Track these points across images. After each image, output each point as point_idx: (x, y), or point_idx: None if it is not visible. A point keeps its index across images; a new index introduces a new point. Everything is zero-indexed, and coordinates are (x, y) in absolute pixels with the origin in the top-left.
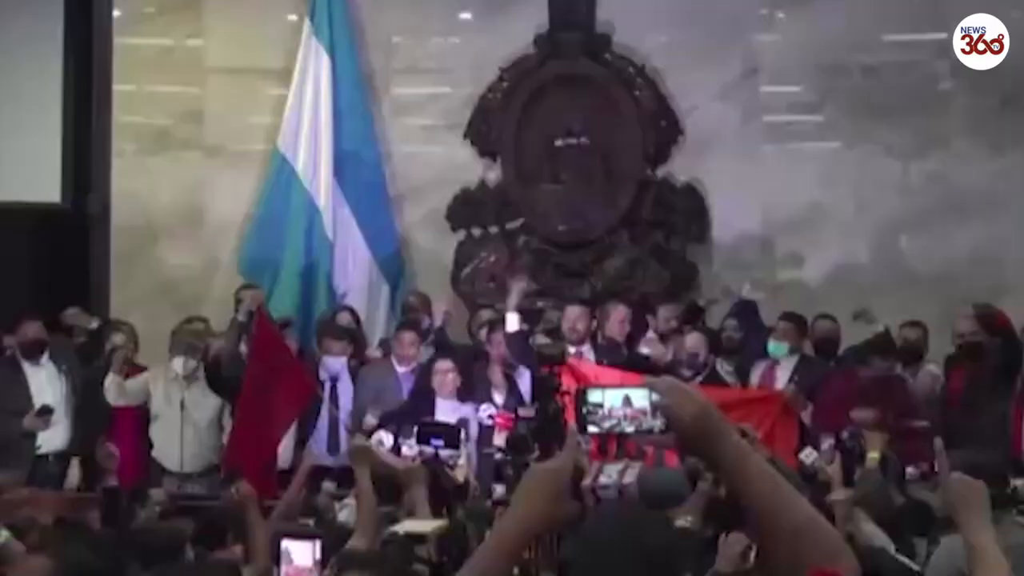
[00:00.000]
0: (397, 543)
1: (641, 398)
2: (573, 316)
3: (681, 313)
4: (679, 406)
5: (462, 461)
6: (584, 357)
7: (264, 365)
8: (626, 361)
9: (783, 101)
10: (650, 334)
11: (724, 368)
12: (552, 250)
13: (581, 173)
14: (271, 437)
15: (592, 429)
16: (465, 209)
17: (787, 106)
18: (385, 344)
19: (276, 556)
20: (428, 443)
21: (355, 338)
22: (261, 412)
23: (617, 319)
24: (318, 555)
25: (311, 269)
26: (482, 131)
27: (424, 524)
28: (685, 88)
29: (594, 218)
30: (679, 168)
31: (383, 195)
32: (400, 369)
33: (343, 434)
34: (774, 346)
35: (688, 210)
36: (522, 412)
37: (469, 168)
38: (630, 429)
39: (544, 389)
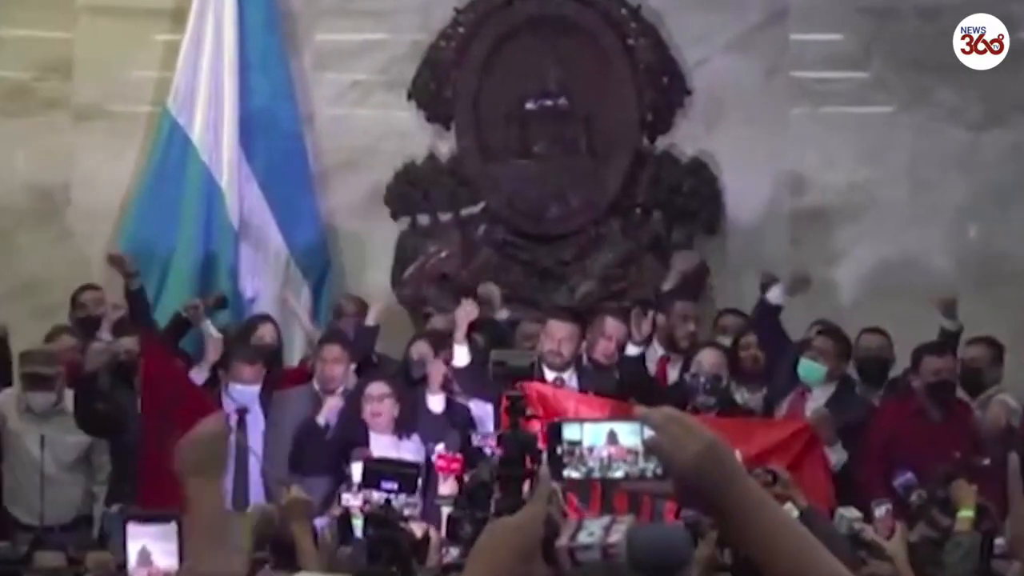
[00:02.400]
0: None
1: (630, 434)
2: (559, 335)
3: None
4: (678, 444)
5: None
6: (565, 385)
7: (161, 400)
8: (617, 384)
9: (817, 53)
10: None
11: (744, 396)
12: (521, 243)
13: (559, 145)
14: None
15: (569, 474)
16: (409, 190)
17: (822, 59)
18: (304, 363)
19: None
20: (377, 486)
21: (274, 360)
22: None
23: (606, 336)
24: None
25: (210, 266)
26: (431, 90)
27: None
28: (693, 36)
29: (576, 202)
30: (685, 139)
31: (303, 171)
32: (325, 396)
33: (254, 481)
34: (808, 368)
35: (696, 192)
36: (479, 440)
37: (414, 137)
38: (618, 474)
39: (511, 413)
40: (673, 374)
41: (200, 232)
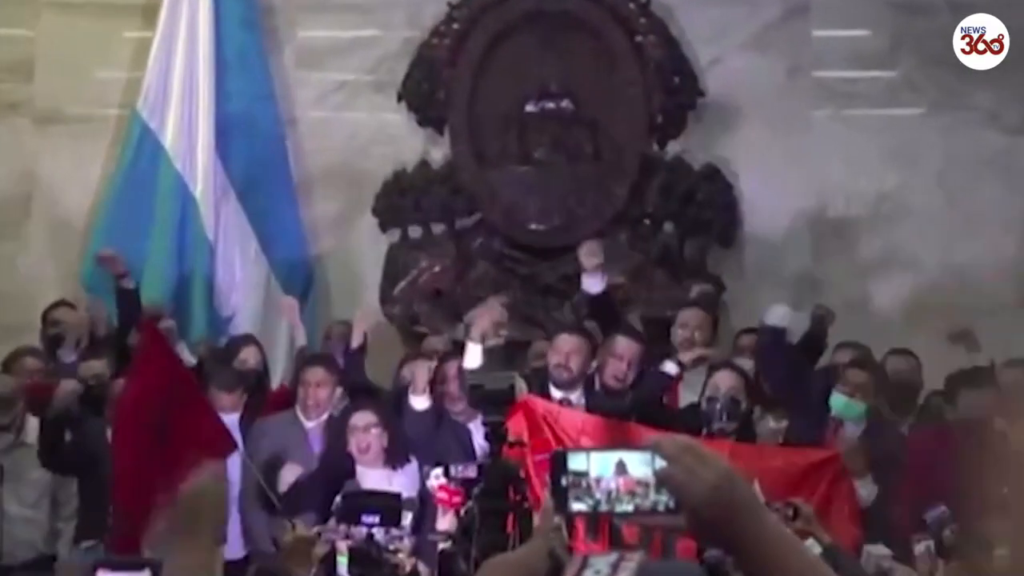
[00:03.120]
0: None
1: (641, 464)
2: (566, 347)
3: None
4: (692, 475)
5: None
6: (573, 406)
7: (153, 396)
8: (630, 404)
9: (841, 50)
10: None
11: (770, 426)
12: (520, 257)
13: (561, 150)
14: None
15: (575, 507)
16: (399, 199)
17: (847, 57)
18: (287, 388)
19: None
20: (357, 520)
21: (257, 385)
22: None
23: (620, 357)
24: None
25: (184, 282)
26: (423, 91)
27: None
28: (706, 33)
29: (580, 212)
30: (698, 144)
31: (284, 179)
32: (308, 423)
33: (232, 518)
34: (843, 405)
35: (710, 201)
36: (458, 471)
37: (405, 142)
38: (627, 508)
39: (491, 441)
40: (688, 395)
41: (173, 246)
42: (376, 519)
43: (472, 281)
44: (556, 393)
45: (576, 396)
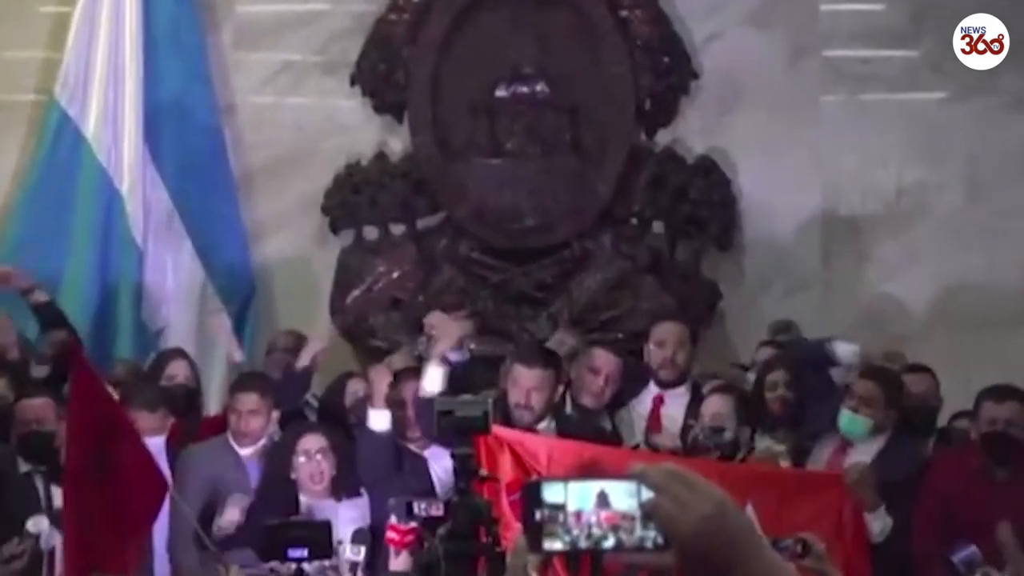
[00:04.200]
0: None
1: (625, 495)
2: (527, 383)
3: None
4: (682, 505)
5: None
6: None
7: (93, 437)
8: (607, 433)
9: (854, 27)
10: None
11: (771, 449)
12: (491, 262)
13: (537, 141)
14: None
15: (551, 546)
16: (353, 196)
17: (860, 35)
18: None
19: None
20: (283, 556)
21: (188, 405)
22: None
23: (597, 372)
24: None
25: (108, 291)
26: (380, 73)
27: None
28: (701, 7)
29: (558, 211)
30: (692, 133)
31: (222, 174)
32: (243, 451)
33: (159, 555)
34: (846, 418)
35: (705, 198)
36: (421, 510)
37: (359, 131)
38: (609, 545)
39: (460, 475)
40: (675, 414)
41: (96, 249)
42: (304, 553)
43: (436, 289)
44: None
45: (544, 424)
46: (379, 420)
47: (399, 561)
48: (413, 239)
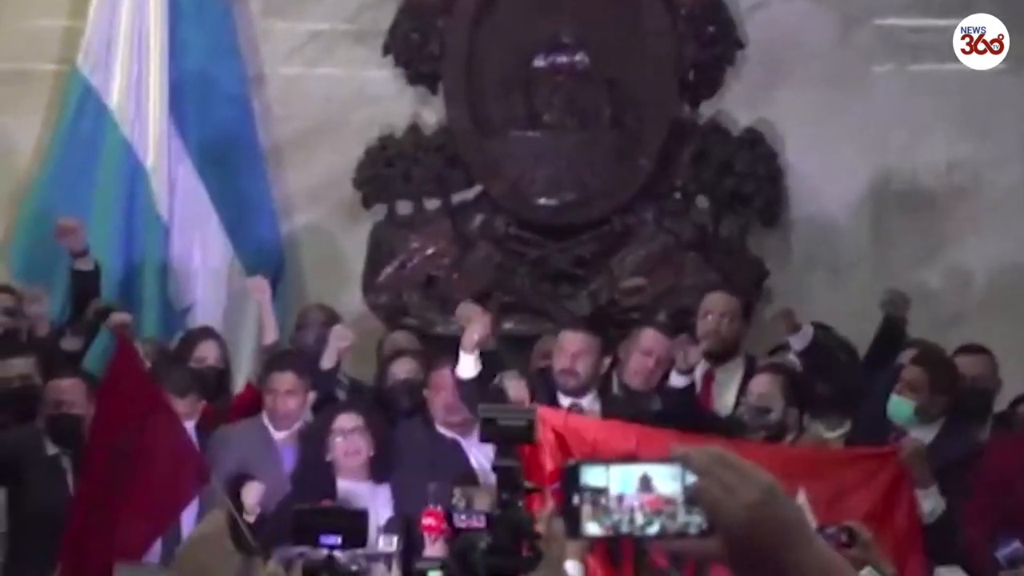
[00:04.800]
0: None
1: (669, 479)
2: (572, 347)
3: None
4: (728, 491)
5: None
6: (585, 414)
7: (127, 426)
8: (656, 415)
9: None
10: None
11: (822, 435)
12: (528, 238)
13: (576, 114)
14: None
15: (591, 530)
16: (385, 170)
17: (912, 3)
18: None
19: None
20: (315, 542)
21: (218, 387)
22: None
23: (647, 353)
24: None
25: (134, 268)
26: (413, 42)
27: None
28: None
29: (597, 186)
30: (737, 104)
31: (250, 147)
32: (277, 434)
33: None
34: (894, 403)
35: (751, 172)
36: (463, 521)
37: (392, 103)
38: (651, 530)
39: (502, 488)
40: (728, 396)
41: (120, 225)
42: (337, 540)
43: (471, 266)
44: (564, 400)
45: (588, 401)
46: (467, 367)
47: (435, 548)
48: (448, 214)
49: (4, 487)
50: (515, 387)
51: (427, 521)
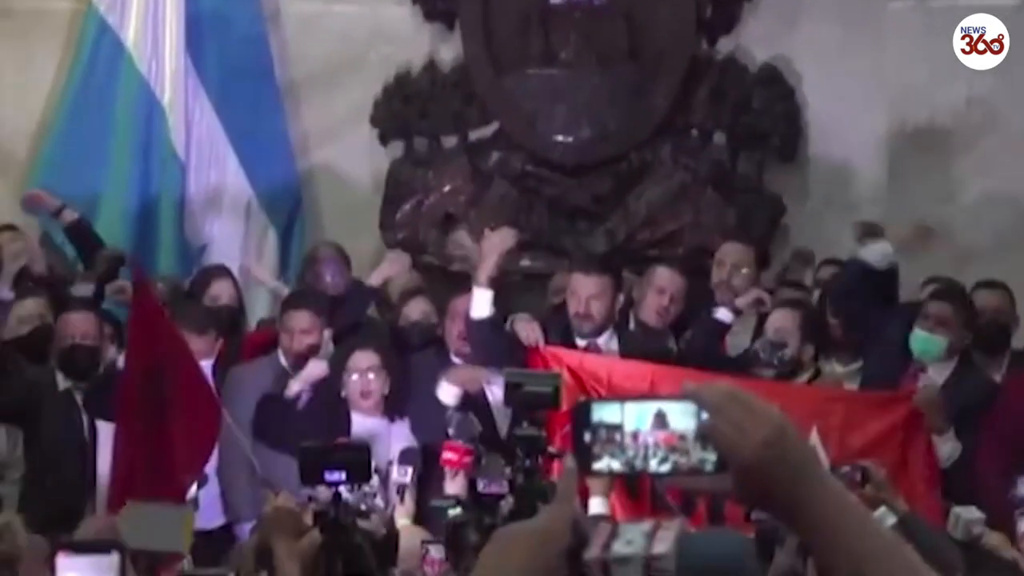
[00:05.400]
0: None
1: (684, 416)
2: (585, 291)
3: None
4: (739, 430)
5: (379, 501)
6: (602, 353)
7: (150, 366)
8: (673, 353)
9: None
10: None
11: (835, 370)
12: (545, 175)
13: (593, 50)
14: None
15: (604, 465)
16: (403, 107)
17: None
18: (266, 328)
19: None
20: (319, 479)
21: (232, 326)
22: (154, 442)
23: (661, 291)
24: None
25: (150, 205)
26: None
27: None
28: None
29: (614, 123)
30: (754, 41)
31: (267, 85)
32: (294, 373)
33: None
34: (923, 341)
35: (768, 109)
36: (485, 486)
37: (409, 40)
38: (666, 467)
39: (524, 456)
40: (742, 342)
41: (137, 163)
42: (342, 476)
43: (488, 203)
44: (580, 341)
45: (605, 339)
46: (481, 304)
47: (455, 483)
48: (465, 152)
49: (21, 428)
50: (526, 329)
51: (447, 455)
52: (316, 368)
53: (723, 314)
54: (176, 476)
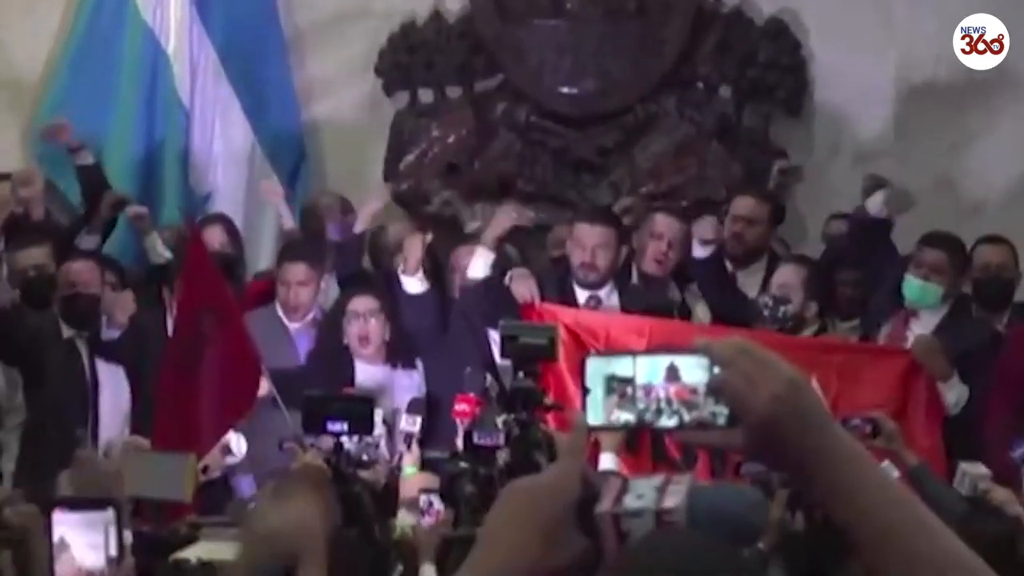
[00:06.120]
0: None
1: (696, 369)
2: (590, 241)
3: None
4: (751, 384)
5: (383, 450)
6: (602, 306)
7: (196, 318)
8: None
9: None
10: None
11: (838, 327)
12: (550, 126)
13: (600, 2)
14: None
15: (616, 419)
16: (408, 58)
17: None
18: (265, 278)
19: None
20: (321, 429)
21: (230, 272)
22: (194, 394)
23: (659, 237)
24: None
25: (155, 154)
26: None
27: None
28: None
29: (620, 75)
30: None
31: (272, 33)
32: (292, 324)
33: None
34: (915, 288)
35: (775, 62)
36: (482, 438)
37: None
38: (677, 420)
39: (521, 407)
40: (751, 292)
41: (141, 111)
42: (344, 426)
43: (493, 154)
44: (582, 294)
45: (606, 292)
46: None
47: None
48: (470, 103)
49: (23, 374)
50: (523, 287)
51: (460, 407)
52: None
53: (700, 251)
54: (205, 430)
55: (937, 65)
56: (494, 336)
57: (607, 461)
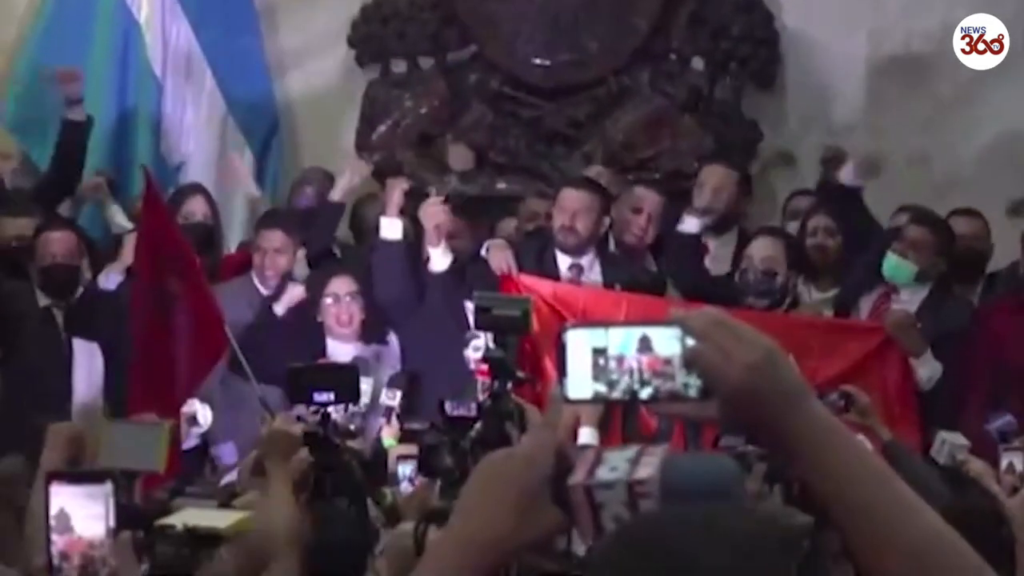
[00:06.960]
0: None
1: (669, 340)
2: (573, 205)
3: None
4: (725, 356)
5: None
6: (584, 275)
7: (160, 278)
8: (653, 276)
9: None
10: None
11: (812, 296)
12: (523, 98)
13: None
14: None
15: (590, 390)
16: (380, 28)
17: None
18: (244, 249)
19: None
20: (308, 399)
21: (207, 244)
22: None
23: (638, 210)
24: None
25: (127, 123)
26: None
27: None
28: None
29: (593, 46)
30: None
31: (245, 4)
32: (266, 292)
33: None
34: (895, 264)
35: (747, 35)
36: (454, 409)
37: None
38: (651, 391)
39: (494, 378)
40: (723, 265)
41: (113, 81)
42: (331, 396)
43: (465, 125)
44: (564, 261)
45: (588, 261)
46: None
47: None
48: (442, 73)
49: None
50: (499, 258)
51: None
52: (296, 291)
53: (689, 224)
54: (174, 391)
55: (907, 38)
56: (469, 307)
57: (585, 436)
